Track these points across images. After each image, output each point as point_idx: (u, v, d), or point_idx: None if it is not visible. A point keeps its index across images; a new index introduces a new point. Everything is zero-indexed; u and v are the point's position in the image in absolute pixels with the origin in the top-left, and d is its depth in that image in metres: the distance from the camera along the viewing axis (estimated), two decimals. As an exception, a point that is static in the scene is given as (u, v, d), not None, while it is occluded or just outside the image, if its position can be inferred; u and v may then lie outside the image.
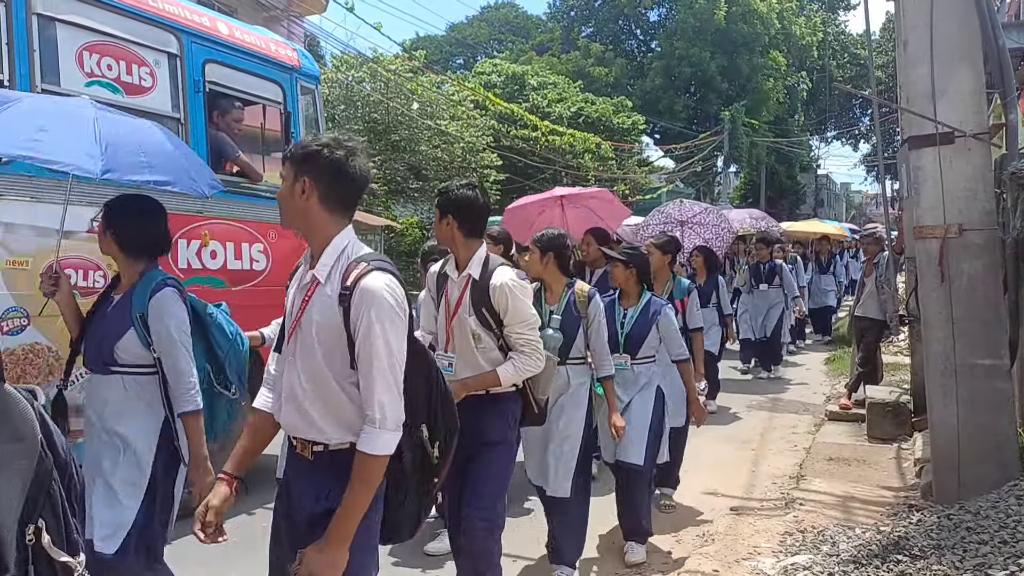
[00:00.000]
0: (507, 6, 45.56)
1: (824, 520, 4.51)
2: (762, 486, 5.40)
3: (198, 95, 4.57)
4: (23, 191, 3.64)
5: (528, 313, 2.95)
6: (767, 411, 7.95)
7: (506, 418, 3.06)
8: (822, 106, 42.50)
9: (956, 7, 4.27)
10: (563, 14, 39.70)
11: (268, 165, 5.47)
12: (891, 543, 3.69)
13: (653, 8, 37.30)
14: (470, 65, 34.84)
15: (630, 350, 4.13)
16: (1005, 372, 4.29)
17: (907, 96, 4.51)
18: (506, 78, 25.01)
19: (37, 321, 3.63)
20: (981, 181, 4.28)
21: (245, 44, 4.98)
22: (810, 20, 39.22)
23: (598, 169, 22.62)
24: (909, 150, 4.49)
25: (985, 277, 4.27)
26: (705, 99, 35.31)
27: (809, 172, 44.35)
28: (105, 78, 4.08)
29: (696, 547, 4.28)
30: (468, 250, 3.00)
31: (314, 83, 5.65)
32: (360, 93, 16.22)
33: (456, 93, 20.01)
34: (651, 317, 4.14)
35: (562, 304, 3.72)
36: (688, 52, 33.36)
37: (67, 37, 3.91)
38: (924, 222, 4.37)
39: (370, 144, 15.99)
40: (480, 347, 2.95)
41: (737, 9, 33.41)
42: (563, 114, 23.83)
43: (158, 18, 4.36)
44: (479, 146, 18.17)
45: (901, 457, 5.86)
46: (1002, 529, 3.46)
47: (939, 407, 4.36)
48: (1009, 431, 4.24)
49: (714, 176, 35.49)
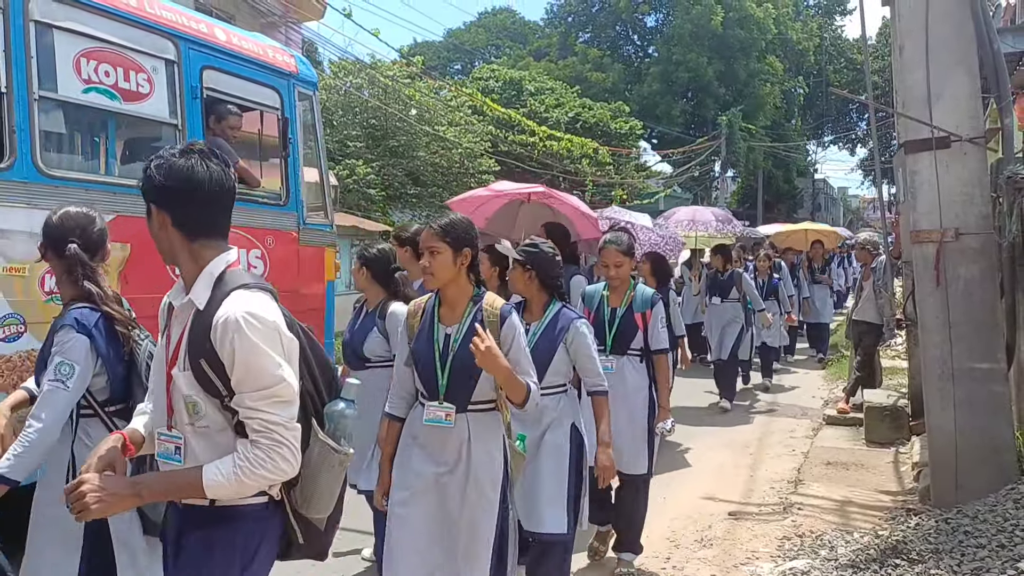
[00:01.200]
0: (505, 12, 45.65)
1: (822, 525, 4.51)
2: (760, 491, 5.40)
3: (195, 101, 4.57)
4: (20, 197, 3.64)
5: (270, 375, 1.71)
6: (765, 415, 7.95)
7: (230, 557, 1.80)
8: (819, 111, 42.58)
9: (951, 12, 4.29)
10: (560, 20, 39.78)
11: (266, 171, 5.48)
12: (889, 547, 3.70)
13: (650, 14, 37.39)
14: (468, 71, 34.88)
15: None
16: (1002, 376, 4.30)
17: (903, 100, 4.52)
18: (504, 83, 25.06)
19: (34, 328, 3.62)
20: (977, 185, 4.29)
21: (242, 50, 4.98)
22: (806, 25, 39.34)
23: (596, 174, 22.66)
24: (905, 154, 4.50)
25: (982, 281, 4.28)
26: (702, 104, 35.37)
27: (806, 177, 44.42)
28: (103, 84, 4.08)
29: (694, 552, 4.27)
30: (193, 261, 1.81)
31: (312, 89, 5.65)
32: (358, 99, 16.25)
33: (454, 99, 20.04)
34: (557, 334, 3.18)
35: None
36: (685, 57, 33.44)
37: (64, 44, 3.90)
38: (921, 226, 4.38)
39: (368, 150, 16.02)
40: (199, 425, 1.79)
41: (734, 15, 33.53)
42: (561, 119, 23.87)
43: (155, 24, 4.37)
44: (477, 151, 18.20)
45: (899, 461, 5.86)
46: (1000, 533, 3.46)
47: (936, 411, 4.37)
48: (1006, 435, 4.25)
49: (711, 181, 35.53)
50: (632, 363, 4.02)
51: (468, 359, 2.56)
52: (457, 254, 2.61)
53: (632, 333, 4.00)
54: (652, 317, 4.01)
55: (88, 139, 4.60)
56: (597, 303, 4.10)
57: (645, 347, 4.03)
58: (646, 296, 4.06)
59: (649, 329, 4.00)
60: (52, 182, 3.76)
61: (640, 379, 4.01)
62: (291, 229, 5.25)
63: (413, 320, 2.78)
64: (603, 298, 4.10)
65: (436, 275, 2.63)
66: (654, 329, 4.00)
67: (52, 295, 3.65)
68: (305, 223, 5.37)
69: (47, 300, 3.64)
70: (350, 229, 13.40)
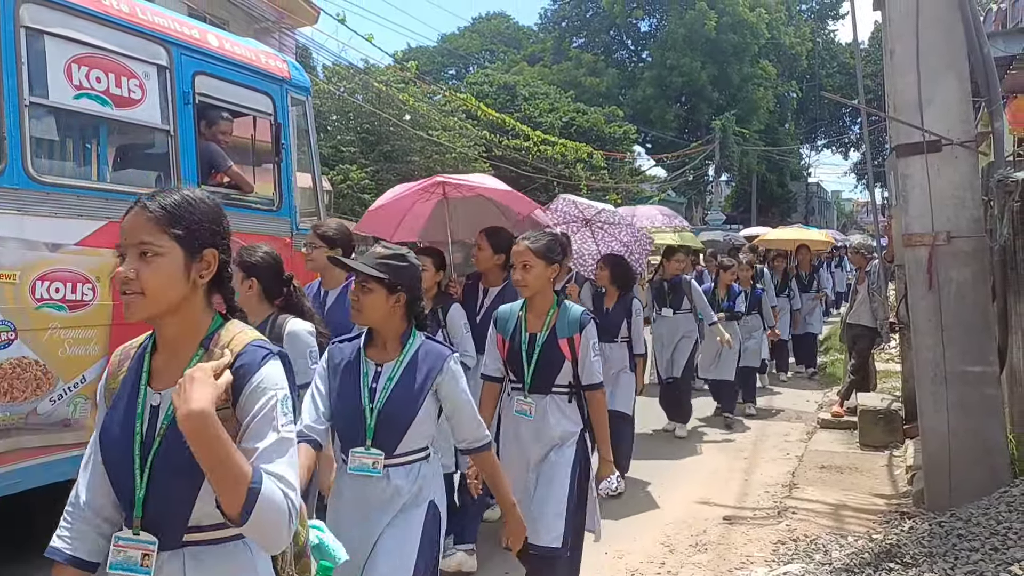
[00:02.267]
0: (498, 17, 45.73)
1: (817, 528, 4.51)
2: (755, 495, 5.40)
3: (188, 107, 4.56)
4: (10, 204, 3.62)
5: None
6: (760, 419, 7.95)
7: None
8: (812, 115, 42.80)
9: (942, 16, 4.31)
10: (554, 25, 39.90)
11: (259, 176, 5.47)
12: (883, 551, 3.70)
13: (644, 19, 37.54)
14: (462, 76, 34.95)
15: (382, 440, 2.33)
16: (994, 379, 4.31)
17: (895, 105, 4.54)
18: (498, 88, 25.11)
19: (24, 335, 3.60)
20: (969, 189, 4.31)
21: (235, 56, 4.97)
22: (799, 29, 39.58)
23: (590, 179, 22.70)
24: (897, 158, 4.52)
25: (974, 284, 4.29)
26: (696, 108, 35.51)
27: (800, 180, 44.61)
28: (94, 90, 4.06)
29: (689, 556, 4.27)
30: None
31: (305, 94, 5.65)
32: (352, 104, 16.25)
33: (448, 103, 20.07)
34: (423, 381, 2.36)
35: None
36: (679, 62, 33.58)
37: (55, 50, 3.89)
38: (913, 230, 4.39)
39: (362, 155, 16.03)
40: None
41: (727, 19, 33.70)
42: (555, 124, 23.95)
43: (147, 30, 4.36)
44: (471, 156, 18.23)
45: (893, 464, 5.87)
46: (993, 536, 3.47)
47: (930, 414, 4.38)
48: (999, 437, 4.26)
49: (705, 185, 35.65)
50: (558, 404, 3.16)
51: None
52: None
53: (557, 365, 3.13)
54: (582, 343, 3.12)
55: (80, 145, 4.59)
56: (512, 328, 3.22)
57: (575, 382, 3.18)
58: (573, 317, 3.16)
59: (580, 359, 3.13)
60: (43, 189, 3.75)
61: (568, 425, 3.16)
62: (284, 235, 5.24)
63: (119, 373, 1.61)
64: (519, 321, 3.20)
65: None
66: (585, 358, 3.13)
67: (43, 302, 3.63)
68: (298, 228, 5.36)
69: (38, 307, 3.62)
70: (345, 234, 13.37)
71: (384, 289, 2.35)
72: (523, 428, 3.19)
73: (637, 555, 4.27)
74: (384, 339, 2.41)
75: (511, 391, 3.25)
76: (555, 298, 3.22)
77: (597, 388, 3.18)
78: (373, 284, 2.35)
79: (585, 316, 3.19)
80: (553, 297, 3.22)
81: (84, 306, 3.77)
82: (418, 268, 2.47)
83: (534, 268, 3.08)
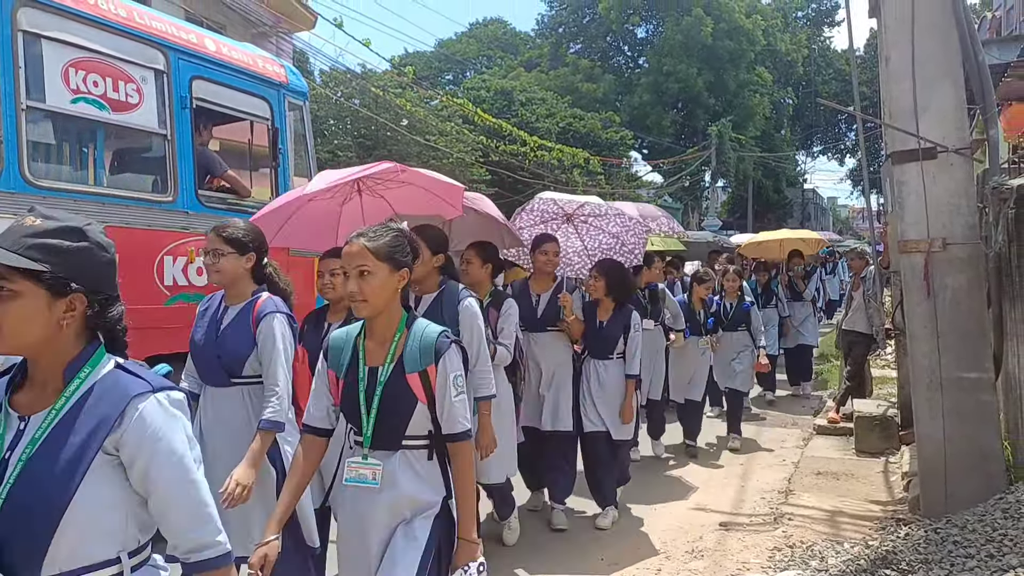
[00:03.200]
0: (496, 22, 45.80)
1: (813, 535, 4.51)
2: (751, 501, 5.39)
3: (185, 111, 4.57)
4: (7, 208, 3.62)
5: None
6: (756, 425, 7.95)
7: None
8: (808, 121, 42.94)
9: (937, 24, 4.33)
10: (551, 31, 39.98)
11: (256, 181, 5.47)
12: (879, 558, 3.70)
13: (640, 25, 37.65)
14: (459, 81, 34.99)
15: None
16: (990, 385, 4.32)
17: (890, 112, 4.56)
18: (495, 93, 25.16)
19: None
20: (964, 196, 4.32)
21: (232, 60, 4.98)
22: (795, 36, 39.72)
23: (586, 184, 22.73)
24: (893, 165, 4.53)
25: (969, 291, 4.30)
26: (692, 114, 35.60)
27: (796, 186, 44.72)
28: (91, 95, 4.07)
29: (685, 563, 4.26)
30: None
31: (302, 99, 5.66)
32: (349, 109, 16.26)
33: (445, 108, 20.09)
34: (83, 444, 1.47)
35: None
36: (675, 68, 33.67)
37: (53, 54, 3.90)
38: (908, 236, 4.40)
39: (359, 159, 16.01)
40: None
41: (723, 26, 33.81)
42: (552, 129, 23.98)
43: (145, 35, 4.36)
44: (468, 161, 18.24)
45: (889, 471, 5.87)
46: (988, 543, 3.47)
47: (925, 420, 4.38)
48: (994, 444, 4.26)
49: (702, 191, 35.73)
50: (412, 463, 2.27)
51: None
52: None
53: (407, 410, 2.24)
54: (440, 377, 2.24)
55: (76, 149, 4.59)
56: (347, 362, 2.32)
57: (435, 432, 2.29)
58: (427, 342, 2.26)
59: (437, 400, 2.25)
60: (40, 192, 3.75)
61: (426, 492, 2.27)
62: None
63: None
64: (356, 351, 2.32)
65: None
66: (444, 398, 2.24)
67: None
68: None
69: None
70: (341, 239, 13.38)
71: (43, 291, 1.41)
72: (363, 502, 2.25)
73: (633, 561, 4.27)
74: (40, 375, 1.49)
75: (352, 445, 2.32)
76: (404, 316, 2.32)
77: (462, 439, 2.28)
78: (20, 283, 1.40)
79: (443, 340, 2.27)
80: (401, 315, 2.31)
81: (80, 310, 3.77)
82: (102, 249, 1.50)
83: (375, 276, 2.20)
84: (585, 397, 4.87)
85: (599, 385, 4.86)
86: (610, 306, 4.85)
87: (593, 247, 5.57)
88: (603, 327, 4.84)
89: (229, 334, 2.96)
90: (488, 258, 4.19)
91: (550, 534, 4.71)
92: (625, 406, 4.81)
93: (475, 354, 3.42)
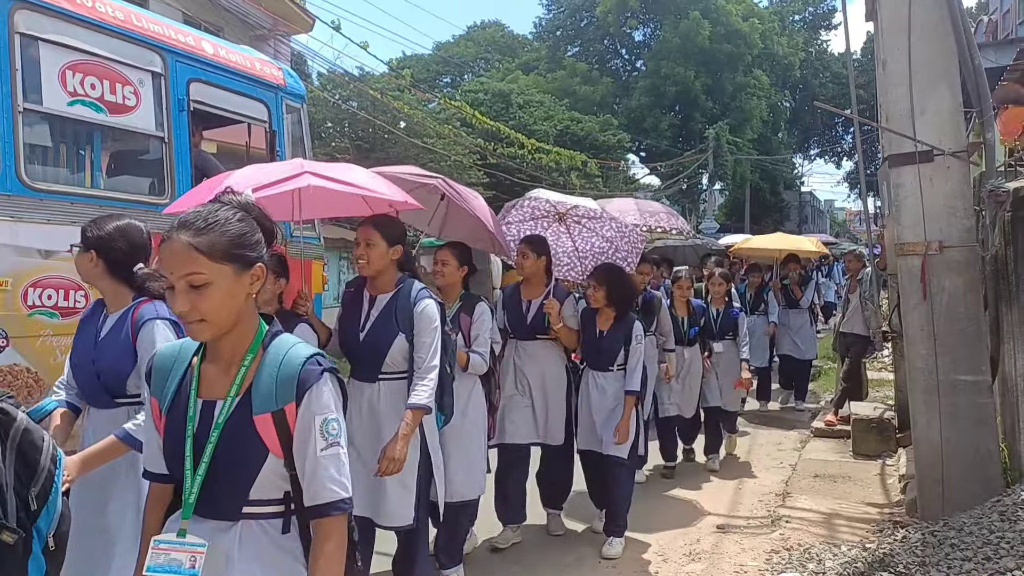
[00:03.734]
0: (493, 25, 45.82)
1: (810, 537, 4.51)
2: (748, 503, 5.39)
3: (182, 114, 4.56)
4: (3, 211, 3.61)
5: None
6: (753, 428, 7.95)
7: None
8: (805, 124, 43.02)
9: (933, 28, 4.35)
10: (549, 34, 40.03)
11: (253, 184, 5.46)
12: (876, 560, 3.70)
13: (638, 28, 37.72)
14: (457, 84, 35.01)
15: None
16: (987, 388, 4.32)
17: (887, 115, 4.57)
18: (492, 96, 25.18)
19: (16, 342, 3.58)
20: (960, 199, 4.33)
21: (230, 63, 4.98)
22: (792, 40, 39.79)
23: (584, 186, 22.75)
24: (889, 168, 4.54)
25: (966, 293, 4.31)
26: (690, 117, 35.65)
27: (793, 189, 44.79)
28: (88, 97, 4.06)
29: (682, 566, 4.26)
30: None
31: (300, 102, 5.66)
32: (347, 111, 16.27)
33: (442, 111, 20.11)
34: None
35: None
36: (673, 71, 33.72)
37: (50, 56, 3.89)
38: (905, 239, 4.41)
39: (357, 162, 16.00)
40: None
41: (721, 29, 33.88)
42: (549, 132, 24.01)
43: (142, 37, 4.36)
44: (466, 164, 18.25)
45: (886, 473, 5.88)
46: (985, 545, 3.47)
47: (922, 423, 4.39)
48: (991, 447, 4.27)
49: (699, 194, 35.78)
50: (257, 538, 1.61)
51: None
52: None
53: (252, 465, 1.58)
54: (300, 421, 1.58)
55: (74, 152, 4.58)
56: (173, 390, 1.65)
57: (294, 503, 1.62)
58: (287, 371, 1.60)
59: (296, 452, 1.59)
60: (36, 195, 3.74)
61: None
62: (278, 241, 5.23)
63: None
64: (188, 377, 1.66)
65: None
66: (305, 452, 1.58)
67: (35, 309, 3.62)
68: (292, 235, 5.35)
69: (30, 314, 3.61)
70: (338, 241, 13.38)
71: None
72: None
73: (630, 564, 4.27)
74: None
75: None
76: (260, 332, 1.66)
77: (332, 512, 1.59)
78: None
79: (311, 367, 1.60)
80: (257, 330, 1.66)
81: (77, 313, 3.76)
82: None
83: (214, 286, 1.54)
84: (581, 411, 4.56)
85: (597, 399, 4.50)
86: (611, 315, 4.50)
87: (584, 248, 5.24)
88: (603, 337, 4.50)
89: (110, 344, 2.54)
90: (465, 260, 3.92)
91: (547, 537, 4.70)
92: (621, 424, 4.33)
93: (424, 367, 3.07)
